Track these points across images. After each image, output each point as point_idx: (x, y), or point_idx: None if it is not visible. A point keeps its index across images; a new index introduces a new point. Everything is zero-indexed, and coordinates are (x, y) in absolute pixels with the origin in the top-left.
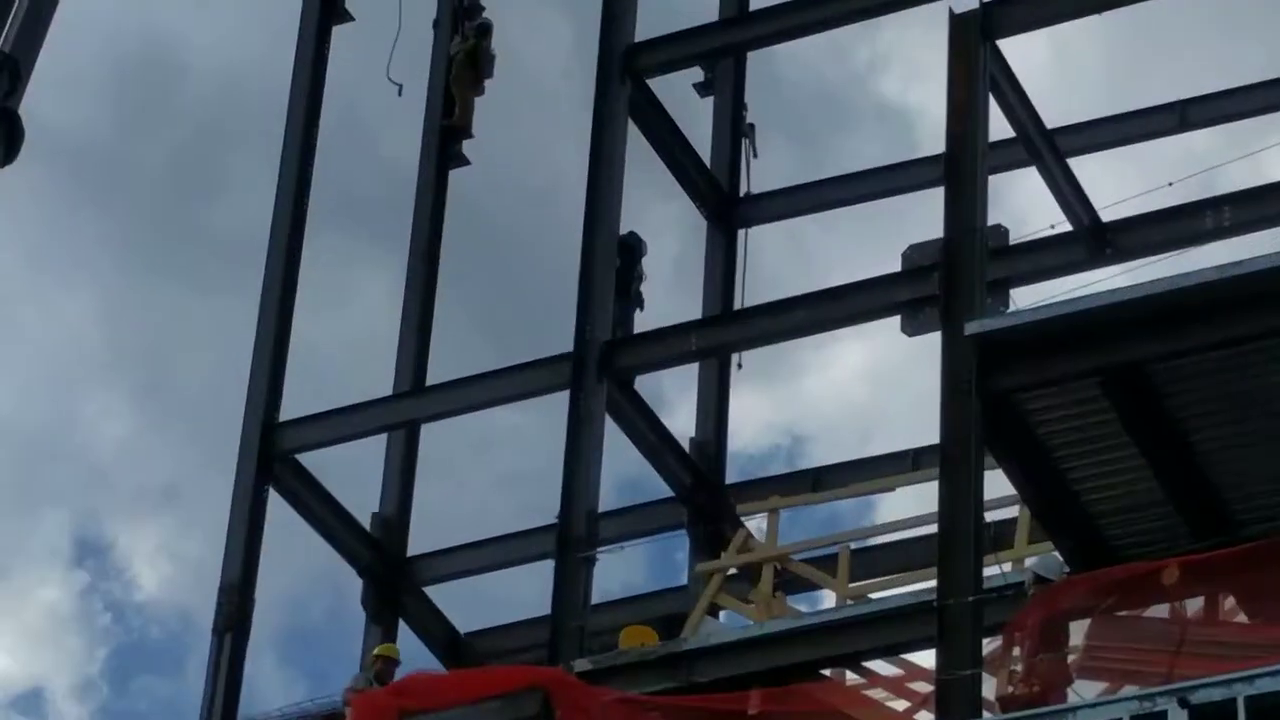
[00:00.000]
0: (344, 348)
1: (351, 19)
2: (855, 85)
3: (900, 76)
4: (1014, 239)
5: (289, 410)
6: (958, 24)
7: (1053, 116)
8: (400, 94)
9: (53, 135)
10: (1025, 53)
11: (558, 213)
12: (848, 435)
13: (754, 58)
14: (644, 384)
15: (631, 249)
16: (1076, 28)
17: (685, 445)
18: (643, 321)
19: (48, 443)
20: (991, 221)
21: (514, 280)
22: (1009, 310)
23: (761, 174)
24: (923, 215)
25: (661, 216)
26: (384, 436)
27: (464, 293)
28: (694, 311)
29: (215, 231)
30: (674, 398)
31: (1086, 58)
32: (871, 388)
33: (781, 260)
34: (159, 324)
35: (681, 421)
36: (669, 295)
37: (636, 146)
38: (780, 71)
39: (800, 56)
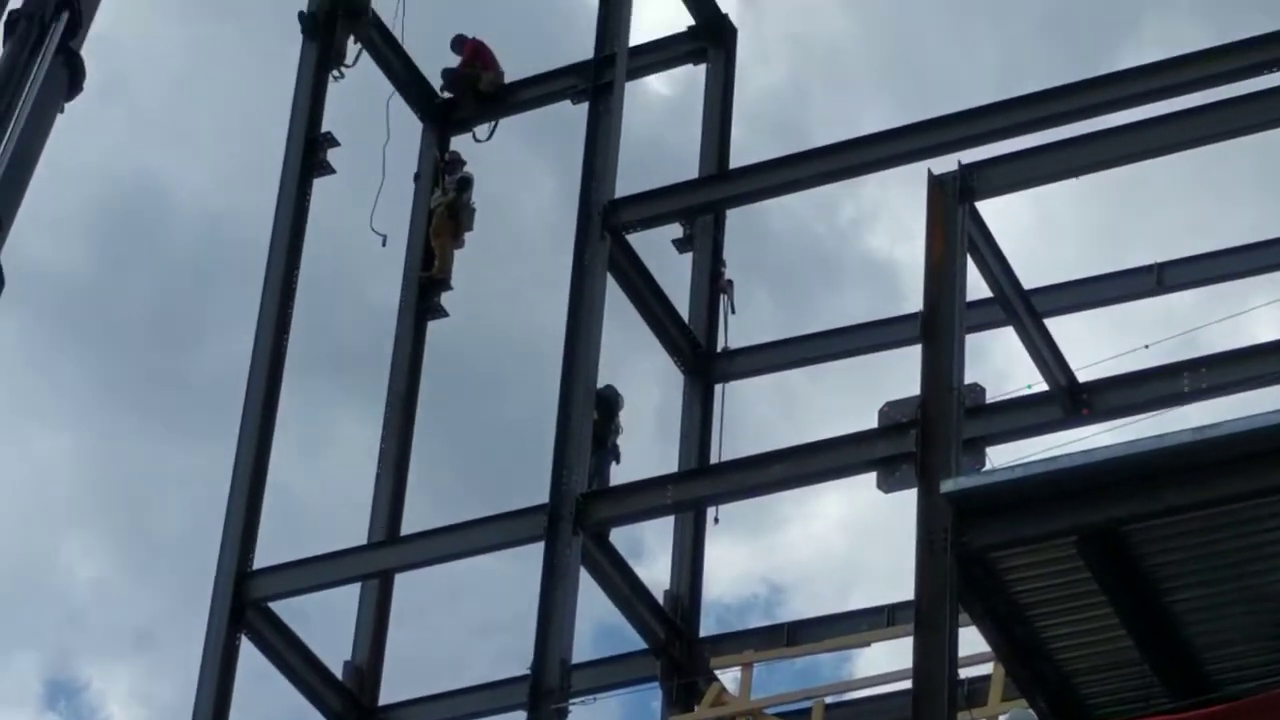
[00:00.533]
0: (324, 493)
1: (333, 171)
2: (841, 240)
3: (886, 231)
4: (991, 398)
5: (264, 556)
6: (936, 186)
7: (1035, 270)
8: (385, 244)
9: (36, 276)
10: (1007, 208)
11: (538, 363)
12: (826, 587)
13: (740, 211)
14: (623, 529)
15: (609, 401)
16: (1060, 185)
17: (660, 596)
18: (621, 473)
19: (22, 583)
20: (969, 380)
21: (492, 430)
22: (985, 469)
23: (747, 328)
24: (908, 368)
25: (641, 369)
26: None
27: (441, 442)
28: (672, 464)
29: (198, 375)
30: (653, 544)
31: (1071, 214)
32: (851, 539)
33: (767, 410)
34: (138, 467)
35: (659, 570)
36: (649, 447)
37: (616, 299)
38: (767, 225)
39: (786, 209)
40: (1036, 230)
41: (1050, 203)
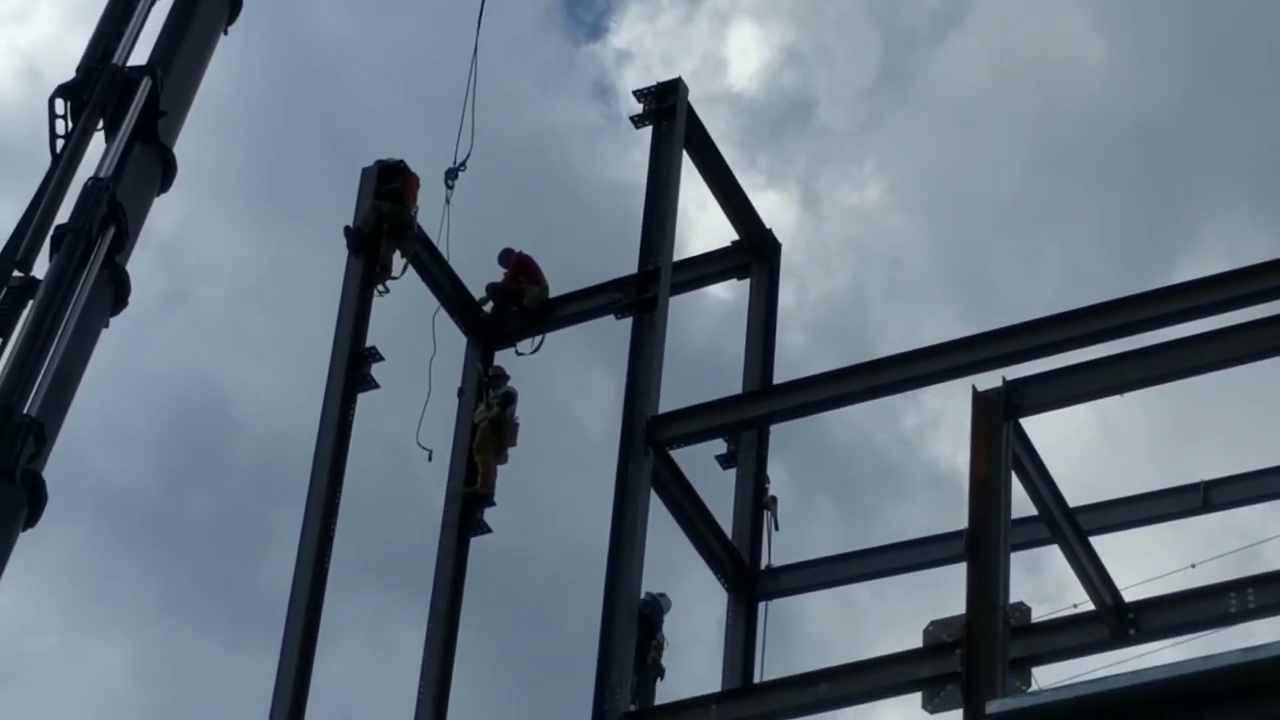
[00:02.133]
0: (384, 703)
1: (377, 386)
2: (904, 449)
3: (948, 440)
4: (1036, 617)
5: None
6: (981, 402)
7: (1097, 478)
8: (430, 459)
9: (97, 486)
10: (1069, 416)
11: (583, 578)
12: None
13: (802, 421)
14: None
15: (648, 620)
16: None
17: None
18: (672, 690)
19: None
20: (1015, 598)
21: (536, 647)
22: (1031, 689)
23: (811, 539)
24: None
25: (688, 584)
26: None
27: (485, 660)
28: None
29: (258, 587)
30: None
31: (1134, 421)
32: None
33: (828, 622)
34: (197, 679)
35: None
36: (698, 664)
37: (660, 514)
38: (829, 434)
39: (848, 419)
40: (1099, 436)
41: (1113, 409)
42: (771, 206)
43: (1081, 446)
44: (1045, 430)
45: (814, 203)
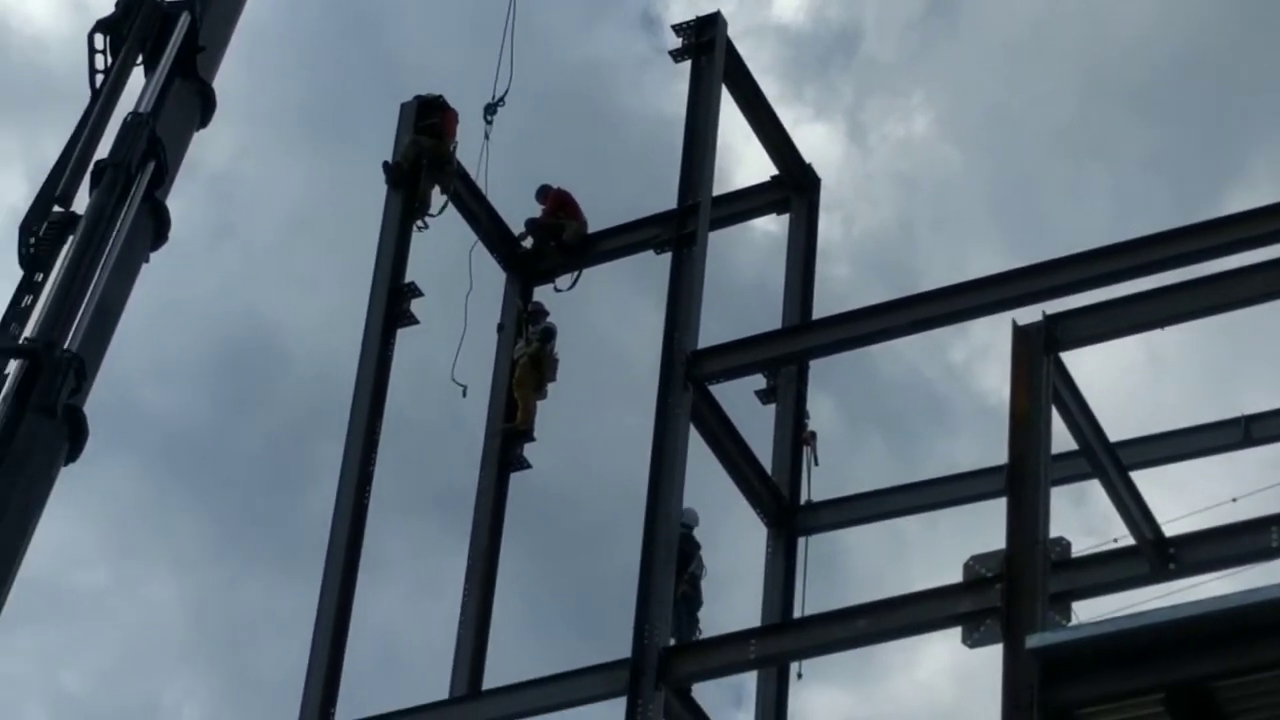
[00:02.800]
0: (430, 636)
1: (417, 322)
2: (952, 382)
3: (997, 373)
4: (1077, 552)
5: (357, 700)
6: (1021, 336)
7: (1142, 416)
8: (465, 395)
9: (146, 420)
10: (1116, 348)
11: (622, 514)
12: None
13: (851, 354)
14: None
15: (680, 551)
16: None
17: None
18: (712, 626)
19: None
20: (1055, 533)
21: (576, 581)
22: (1071, 624)
23: (858, 474)
24: None
25: (727, 520)
26: None
27: (524, 593)
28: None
29: (306, 519)
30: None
31: (1181, 354)
32: (959, 687)
33: (877, 556)
34: (245, 611)
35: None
36: (737, 600)
37: (700, 450)
38: (877, 368)
39: (895, 352)
40: (1147, 370)
41: (1160, 342)
42: (818, 139)
43: (1130, 380)
44: (1092, 363)
45: (860, 135)
